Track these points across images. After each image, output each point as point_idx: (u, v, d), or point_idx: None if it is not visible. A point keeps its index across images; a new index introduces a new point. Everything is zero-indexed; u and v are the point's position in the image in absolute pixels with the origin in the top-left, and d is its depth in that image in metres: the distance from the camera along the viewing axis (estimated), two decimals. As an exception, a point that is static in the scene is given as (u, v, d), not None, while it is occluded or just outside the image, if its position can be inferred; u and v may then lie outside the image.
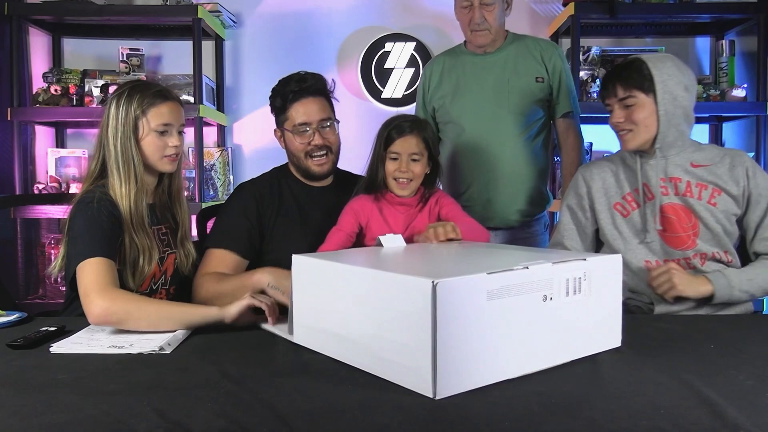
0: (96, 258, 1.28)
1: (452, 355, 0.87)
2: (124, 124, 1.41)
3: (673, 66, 1.52)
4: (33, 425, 0.80)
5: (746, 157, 1.55)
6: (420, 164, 1.57)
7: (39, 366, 1.05)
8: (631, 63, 1.54)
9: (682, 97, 1.49)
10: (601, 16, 2.70)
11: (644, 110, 1.50)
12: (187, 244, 1.55)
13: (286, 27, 3.03)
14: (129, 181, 1.41)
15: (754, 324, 1.34)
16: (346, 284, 1.04)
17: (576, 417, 0.81)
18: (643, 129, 1.51)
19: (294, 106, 1.62)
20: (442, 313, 0.85)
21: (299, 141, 1.62)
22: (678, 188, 1.54)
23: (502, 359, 0.93)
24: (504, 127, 2.01)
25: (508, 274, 0.93)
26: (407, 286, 0.90)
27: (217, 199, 2.93)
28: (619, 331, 1.11)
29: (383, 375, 0.95)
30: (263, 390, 0.91)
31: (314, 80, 1.63)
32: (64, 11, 2.78)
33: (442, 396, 0.86)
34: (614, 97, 1.53)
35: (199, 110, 2.67)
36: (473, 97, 2.04)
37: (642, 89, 1.50)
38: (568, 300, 1.01)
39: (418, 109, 2.19)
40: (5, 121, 2.67)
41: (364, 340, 0.99)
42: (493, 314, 0.91)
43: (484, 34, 2.00)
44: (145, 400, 0.87)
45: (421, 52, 2.98)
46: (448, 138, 2.09)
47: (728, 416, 0.79)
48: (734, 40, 2.91)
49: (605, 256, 1.10)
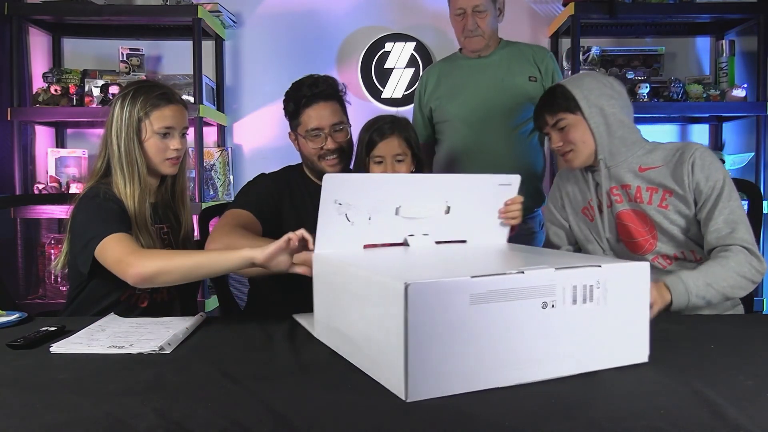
0: (114, 234, 1.31)
1: (426, 358, 0.85)
2: (127, 125, 1.42)
3: (591, 80, 1.55)
4: (33, 425, 0.80)
5: (696, 151, 1.49)
6: (404, 164, 1.59)
7: (39, 366, 1.05)
8: (552, 90, 1.58)
9: (608, 104, 1.51)
10: (601, 16, 2.70)
11: (577, 129, 1.53)
12: (188, 245, 1.55)
13: (286, 27, 3.03)
14: (133, 181, 1.42)
15: (754, 324, 1.34)
16: (346, 283, 1.05)
17: (576, 417, 0.81)
18: (582, 146, 1.53)
19: (306, 111, 1.63)
20: (414, 316, 0.84)
21: (312, 145, 1.63)
22: (629, 194, 1.55)
23: (489, 366, 0.90)
24: (499, 123, 2.07)
25: (496, 279, 0.89)
26: (383, 286, 0.90)
27: (217, 199, 2.93)
28: (645, 344, 1.02)
29: (373, 375, 0.95)
30: (263, 390, 0.91)
31: (326, 85, 1.64)
32: (64, 11, 2.78)
33: (414, 399, 0.85)
34: (547, 125, 1.57)
35: (199, 110, 2.67)
36: (469, 95, 2.10)
37: (568, 110, 1.52)
38: (575, 309, 0.95)
39: (414, 113, 2.26)
40: (5, 121, 2.67)
41: (359, 339, 0.99)
42: (477, 319, 0.88)
43: (478, 40, 2.08)
44: (145, 400, 0.87)
45: (421, 52, 2.99)
46: (444, 137, 2.15)
47: (728, 416, 0.79)
48: (734, 40, 2.91)
49: (627, 263, 1.02)
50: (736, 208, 1.45)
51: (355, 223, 1.18)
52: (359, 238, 1.21)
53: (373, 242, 1.22)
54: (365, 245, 1.22)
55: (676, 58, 3.03)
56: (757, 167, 2.75)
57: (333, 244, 1.17)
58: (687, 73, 2.98)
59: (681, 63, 3.03)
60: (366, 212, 1.18)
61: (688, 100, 2.74)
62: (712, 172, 1.47)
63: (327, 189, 1.13)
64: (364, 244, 1.22)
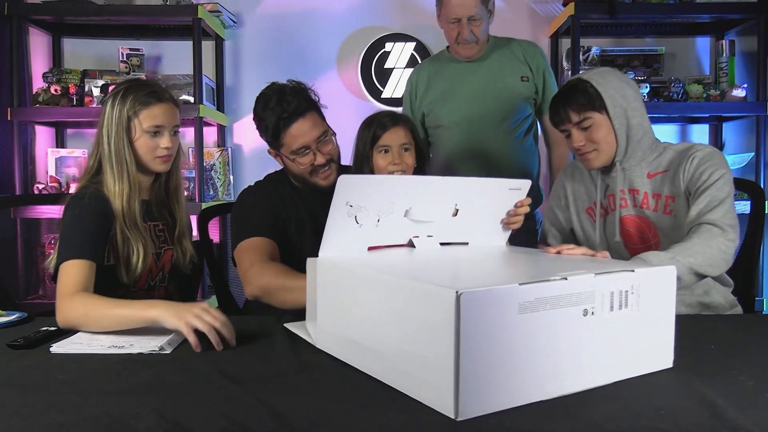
0: (73, 261, 1.31)
1: (478, 372, 0.79)
2: (117, 124, 1.42)
3: (615, 78, 1.50)
4: (33, 425, 0.80)
5: (698, 151, 1.47)
6: (411, 155, 1.58)
7: (39, 366, 1.05)
8: (575, 85, 1.50)
9: (630, 107, 1.48)
10: (601, 16, 2.70)
11: (602, 128, 1.48)
12: (184, 242, 1.55)
13: (286, 27, 3.03)
14: (122, 179, 1.42)
15: (754, 324, 1.33)
16: (366, 289, 0.98)
17: (576, 417, 0.81)
18: (605, 146, 1.50)
19: (288, 132, 1.54)
20: (466, 326, 0.77)
21: (301, 164, 1.56)
22: (636, 200, 1.54)
23: (534, 379, 0.85)
24: (494, 126, 2.06)
25: (543, 285, 0.84)
26: (429, 295, 0.82)
27: (217, 199, 2.93)
28: (671, 350, 1.00)
29: (404, 390, 0.89)
30: (263, 390, 0.91)
31: (297, 98, 1.53)
32: (64, 11, 2.78)
33: (465, 417, 0.79)
34: (569, 123, 1.51)
35: (199, 110, 2.67)
36: (462, 100, 2.08)
37: (594, 108, 1.48)
38: (612, 315, 0.91)
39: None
40: (5, 121, 2.68)
41: (385, 350, 0.92)
42: (525, 329, 0.83)
43: (472, 47, 2.06)
44: (145, 400, 0.87)
45: (421, 52, 2.99)
46: (439, 141, 2.13)
47: (728, 416, 0.79)
48: (734, 40, 2.91)
49: (656, 268, 1.00)
50: (722, 196, 1.40)
51: (363, 225, 1.14)
52: (365, 241, 1.17)
53: (377, 244, 1.19)
54: (369, 247, 1.18)
55: (676, 58, 3.03)
56: (757, 167, 2.75)
57: (338, 247, 1.12)
58: (687, 73, 2.98)
59: (681, 63, 3.03)
60: (375, 214, 1.14)
61: (688, 100, 2.74)
62: (709, 168, 1.43)
63: (341, 190, 1.08)
64: (368, 246, 1.18)
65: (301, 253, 1.57)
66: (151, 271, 1.48)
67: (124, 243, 1.40)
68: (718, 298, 1.52)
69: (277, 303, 1.42)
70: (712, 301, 1.51)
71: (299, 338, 1.18)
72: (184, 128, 3.03)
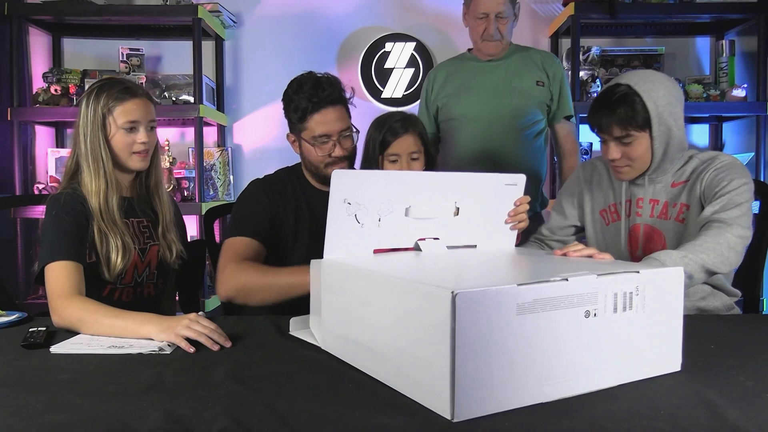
0: (58, 262, 1.32)
1: (474, 374, 0.79)
2: (93, 122, 1.43)
3: (666, 92, 1.42)
4: (33, 425, 0.80)
5: (718, 161, 1.45)
6: (419, 162, 1.58)
7: (39, 366, 1.05)
8: (624, 97, 1.42)
9: (676, 125, 1.44)
10: (601, 16, 2.71)
11: (641, 145, 1.44)
12: (168, 236, 1.55)
13: (286, 27, 3.03)
14: (98, 176, 1.43)
15: (754, 324, 1.33)
16: (368, 290, 0.98)
17: (576, 417, 0.81)
18: (641, 163, 1.47)
19: (314, 117, 1.55)
20: (462, 326, 0.77)
21: (319, 152, 1.57)
22: (654, 210, 1.52)
23: (534, 381, 0.84)
24: (506, 124, 2.09)
25: (542, 286, 0.83)
26: (426, 295, 0.82)
27: (217, 199, 2.93)
28: (679, 353, 0.98)
29: (404, 390, 0.88)
30: (263, 390, 0.91)
31: (332, 88, 1.56)
32: (64, 11, 2.78)
33: (461, 419, 0.78)
34: (609, 135, 1.46)
35: (199, 110, 2.67)
36: (476, 95, 2.13)
37: (639, 127, 1.42)
38: (616, 317, 0.91)
39: (420, 110, 2.27)
40: (5, 121, 2.68)
41: (385, 351, 0.92)
42: (523, 330, 0.82)
43: (496, 44, 2.11)
44: (145, 400, 0.87)
45: (421, 52, 2.99)
46: (449, 135, 2.18)
47: (728, 417, 0.79)
48: (734, 40, 2.91)
49: (663, 269, 0.99)
50: (740, 200, 1.38)
51: (365, 225, 1.13)
52: (369, 242, 1.15)
53: (383, 246, 1.18)
54: (375, 250, 1.17)
55: (676, 58, 3.03)
56: (757, 167, 2.75)
57: (342, 249, 1.12)
58: (687, 73, 2.99)
59: (681, 63, 3.03)
60: (376, 213, 1.14)
61: (688, 100, 2.74)
62: (729, 175, 1.41)
63: (336, 186, 1.08)
64: (374, 249, 1.17)
65: (294, 248, 1.59)
66: (137, 267, 1.48)
67: (102, 240, 1.41)
68: (716, 304, 1.51)
69: (256, 302, 1.45)
70: (710, 307, 1.51)
71: (300, 338, 1.18)
72: (185, 128, 3.04)
